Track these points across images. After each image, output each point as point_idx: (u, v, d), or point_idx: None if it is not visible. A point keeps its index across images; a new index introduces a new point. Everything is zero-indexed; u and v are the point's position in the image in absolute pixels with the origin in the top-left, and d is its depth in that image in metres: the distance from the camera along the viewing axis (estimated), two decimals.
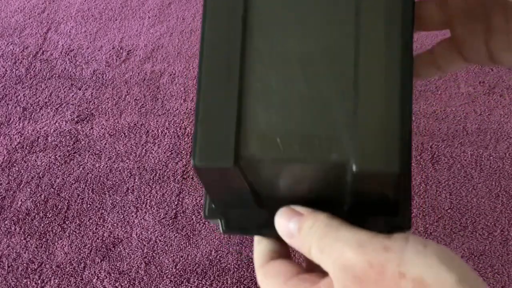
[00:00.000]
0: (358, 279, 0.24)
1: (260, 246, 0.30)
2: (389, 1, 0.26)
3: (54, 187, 0.93)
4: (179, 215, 0.89)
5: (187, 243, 0.85)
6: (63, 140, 1.00)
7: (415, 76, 0.35)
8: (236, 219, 0.30)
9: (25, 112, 1.05)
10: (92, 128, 1.01)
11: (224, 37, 0.26)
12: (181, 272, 0.83)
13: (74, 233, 0.87)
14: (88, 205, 0.91)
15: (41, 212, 0.90)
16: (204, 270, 0.82)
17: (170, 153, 0.97)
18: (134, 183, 0.93)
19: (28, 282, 0.82)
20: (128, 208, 0.90)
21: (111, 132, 1.00)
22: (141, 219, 0.88)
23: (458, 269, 0.23)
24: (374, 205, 0.28)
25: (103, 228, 0.88)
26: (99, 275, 0.83)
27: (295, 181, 0.28)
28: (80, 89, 1.08)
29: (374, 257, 0.23)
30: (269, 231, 0.29)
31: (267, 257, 0.30)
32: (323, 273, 0.26)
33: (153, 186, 0.92)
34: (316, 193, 0.28)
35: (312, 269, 0.28)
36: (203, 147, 0.25)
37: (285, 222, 0.27)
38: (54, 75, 1.11)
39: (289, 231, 0.27)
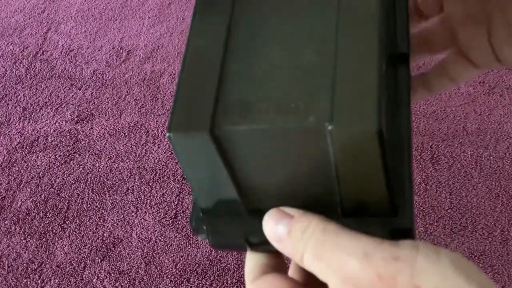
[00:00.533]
0: None
1: (252, 258, 0.28)
2: None
3: (54, 187, 0.93)
4: (179, 215, 0.89)
5: (187, 243, 0.85)
6: (63, 140, 1.00)
7: (429, 91, 0.36)
8: (224, 231, 0.29)
9: (25, 112, 1.05)
10: (92, 128, 1.01)
11: (212, 19, 0.27)
12: (181, 272, 0.83)
13: (74, 233, 0.87)
14: (88, 205, 0.91)
15: (41, 212, 0.90)
16: (204, 270, 0.82)
17: (170, 153, 0.97)
18: (134, 183, 0.93)
19: (28, 282, 0.82)
20: (128, 208, 0.90)
21: (111, 132, 1.00)
22: (141, 219, 0.88)
23: (476, 280, 0.21)
24: (369, 201, 0.27)
25: (103, 228, 0.88)
26: (99, 275, 0.83)
27: (278, 164, 0.26)
28: (80, 89, 1.08)
29: (383, 268, 0.21)
30: (259, 236, 0.28)
31: (259, 271, 0.27)
32: (321, 286, 0.24)
33: (153, 186, 0.92)
34: (306, 192, 0.27)
35: (308, 280, 0.27)
36: (179, 118, 0.25)
37: (273, 224, 0.25)
38: (54, 75, 1.11)
39: (278, 234, 0.25)
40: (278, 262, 0.28)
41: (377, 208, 0.27)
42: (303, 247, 0.24)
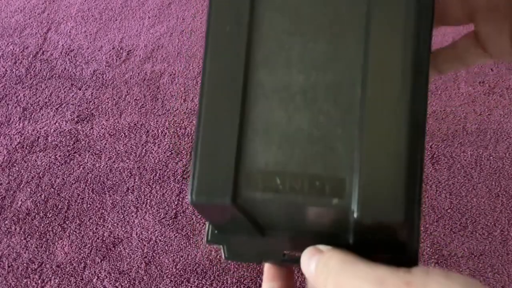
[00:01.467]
0: None
1: (266, 270, 0.30)
2: (402, 32, 0.24)
3: (54, 187, 0.93)
4: (179, 215, 0.89)
5: (187, 243, 0.85)
6: (63, 140, 1.00)
7: (438, 72, 0.34)
8: (238, 246, 0.29)
9: (25, 112, 1.05)
10: (92, 128, 1.01)
11: (227, 70, 0.25)
12: (181, 272, 0.83)
13: (74, 233, 0.87)
14: (88, 205, 0.91)
15: (41, 212, 0.90)
16: (204, 270, 0.83)
17: (170, 153, 0.97)
18: (134, 183, 0.93)
19: (28, 282, 0.82)
20: (128, 208, 0.90)
21: (111, 132, 1.00)
22: (141, 219, 0.88)
23: None
24: (380, 242, 0.27)
25: (103, 228, 0.88)
26: (99, 275, 0.83)
27: (297, 218, 0.27)
28: (80, 89, 1.08)
29: None
30: (272, 259, 0.29)
31: (269, 278, 0.29)
32: None
33: (153, 186, 0.92)
34: (320, 227, 0.27)
35: None
36: (201, 184, 0.25)
37: (306, 261, 0.26)
38: (54, 75, 1.11)
39: (310, 270, 0.26)
40: (285, 272, 0.30)
41: (386, 248, 0.27)
42: (325, 278, 0.25)
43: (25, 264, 0.84)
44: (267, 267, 0.31)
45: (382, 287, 0.22)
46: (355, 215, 0.23)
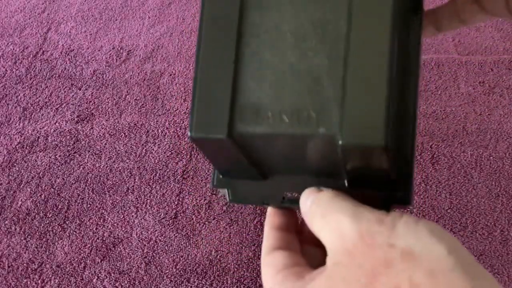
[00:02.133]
0: (348, 252, 0.24)
1: (268, 237, 0.31)
2: None
3: (54, 187, 0.93)
4: (179, 215, 0.89)
5: (187, 243, 0.85)
6: (63, 140, 1.00)
7: (437, 29, 0.35)
8: (242, 189, 0.31)
9: (25, 112, 1.05)
10: (92, 128, 1.01)
11: (222, 12, 0.27)
12: (181, 272, 0.83)
13: (74, 233, 0.87)
14: (88, 205, 0.91)
15: (41, 212, 0.90)
16: (204, 270, 0.83)
17: (170, 153, 0.97)
18: (134, 183, 0.93)
19: (28, 282, 0.82)
20: (128, 208, 0.90)
21: (111, 132, 1.00)
22: (141, 219, 0.88)
23: (447, 241, 0.23)
24: (372, 180, 0.28)
25: (103, 228, 0.88)
26: (99, 275, 0.83)
27: (289, 153, 0.28)
28: (80, 89, 1.08)
29: (366, 228, 0.24)
30: (273, 201, 0.31)
31: (272, 248, 0.30)
32: (322, 270, 0.26)
33: (153, 186, 0.92)
34: (315, 164, 0.29)
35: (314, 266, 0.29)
36: (199, 120, 0.27)
37: (304, 199, 0.28)
38: (54, 75, 1.11)
39: (306, 205, 0.28)
40: (289, 240, 0.31)
41: (379, 184, 0.29)
42: (314, 213, 0.27)
43: (25, 264, 0.84)
44: (270, 212, 0.32)
45: (356, 220, 0.24)
46: (340, 141, 0.25)
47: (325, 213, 0.26)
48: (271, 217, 0.32)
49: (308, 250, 0.32)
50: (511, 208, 0.87)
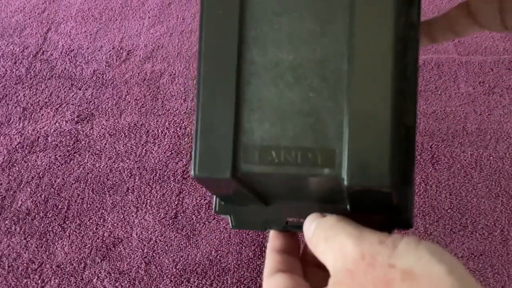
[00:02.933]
0: (349, 273, 0.24)
1: (270, 258, 0.31)
2: (386, 7, 0.25)
3: (54, 187, 0.93)
4: (179, 215, 0.89)
5: (187, 243, 0.85)
6: (63, 140, 1.00)
7: (431, 41, 0.36)
8: (244, 215, 0.32)
9: (25, 112, 1.05)
10: (92, 128, 1.01)
11: (221, 50, 0.27)
12: (181, 272, 0.83)
13: (74, 233, 0.87)
14: (88, 205, 0.91)
15: (41, 212, 0.90)
16: (204, 270, 0.83)
17: (170, 153, 0.97)
18: (134, 183, 0.93)
19: (28, 282, 0.82)
20: (128, 208, 0.90)
21: (111, 132, 1.00)
22: (141, 219, 0.88)
23: (447, 262, 0.23)
24: (374, 205, 0.28)
25: (103, 228, 0.88)
26: (99, 275, 0.83)
27: (292, 187, 0.29)
28: (80, 89, 1.08)
29: (368, 249, 0.24)
30: (275, 226, 0.31)
31: (273, 270, 0.30)
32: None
33: (153, 186, 0.92)
34: (318, 193, 0.29)
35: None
36: (202, 160, 0.26)
37: (308, 224, 0.28)
38: (54, 75, 1.11)
39: (310, 230, 0.28)
40: (291, 263, 0.31)
41: (381, 209, 0.29)
42: (318, 236, 0.27)
43: (25, 264, 0.84)
44: (272, 235, 0.33)
45: (358, 241, 0.25)
46: (345, 183, 0.25)
47: (328, 236, 0.26)
48: (273, 239, 0.32)
49: (312, 273, 0.32)
50: (511, 208, 0.87)
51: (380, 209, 0.28)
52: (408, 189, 0.29)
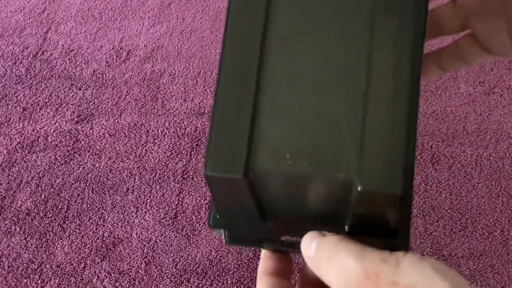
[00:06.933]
0: None
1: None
2: (402, 25, 0.27)
3: (54, 187, 0.93)
4: (179, 215, 0.89)
5: (187, 243, 0.85)
6: (63, 140, 1.00)
7: (442, 69, 0.36)
8: (239, 231, 0.31)
9: (25, 112, 1.05)
10: (92, 128, 1.01)
11: (243, 55, 0.27)
12: (181, 272, 0.83)
13: (74, 233, 0.87)
14: (88, 205, 0.91)
15: (41, 212, 0.90)
16: (204, 270, 0.83)
17: (170, 153, 0.97)
18: (134, 183, 0.93)
19: (28, 282, 0.82)
20: (128, 208, 0.90)
21: (111, 132, 1.00)
22: (141, 219, 0.88)
23: (451, 278, 0.23)
24: (375, 226, 0.29)
25: (103, 228, 0.88)
26: (99, 275, 0.83)
27: (301, 195, 0.28)
28: (80, 89, 1.08)
29: (371, 267, 0.24)
30: (271, 244, 0.31)
31: (265, 271, 0.31)
32: None
33: (153, 186, 0.92)
34: (320, 208, 0.29)
35: None
36: (216, 157, 0.26)
37: (307, 243, 0.28)
38: (54, 75, 1.11)
39: (310, 250, 0.28)
40: (283, 268, 0.31)
41: (379, 231, 0.29)
42: (321, 255, 0.27)
43: (25, 264, 0.84)
44: (264, 257, 0.32)
45: (361, 260, 0.25)
46: (359, 188, 0.25)
47: (331, 255, 0.26)
48: (265, 261, 0.32)
49: None
50: (511, 208, 0.87)
51: (378, 230, 0.29)
52: (406, 214, 0.29)
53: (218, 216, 0.31)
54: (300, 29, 0.28)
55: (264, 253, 0.32)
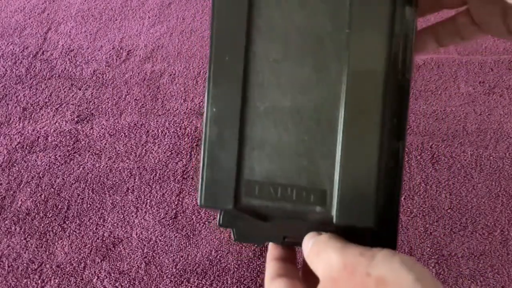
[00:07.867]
0: (333, 280, 0.28)
1: (269, 267, 0.35)
2: (377, 61, 0.28)
3: (54, 187, 0.93)
4: (179, 215, 0.89)
5: (187, 243, 0.85)
6: (63, 140, 1.00)
7: (439, 45, 0.37)
8: (245, 229, 0.35)
9: (25, 112, 1.05)
10: (92, 128, 1.01)
11: (227, 94, 0.30)
12: (181, 272, 0.83)
13: (74, 233, 0.87)
14: (88, 205, 0.91)
15: (41, 212, 0.90)
16: (204, 270, 0.83)
17: (170, 153, 0.97)
18: (134, 183, 0.93)
19: (28, 282, 0.82)
20: (128, 208, 0.90)
21: (111, 132, 1.00)
22: (141, 219, 0.88)
23: (416, 271, 0.26)
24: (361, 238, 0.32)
25: (103, 228, 0.88)
26: (99, 275, 0.83)
27: (290, 216, 0.32)
28: (80, 89, 1.08)
29: (349, 260, 0.28)
30: (275, 241, 0.35)
31: (274, 275, 0.34)
32: None
33: (153, 186, 0.92)
34: (312, 221, 0.32)
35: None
36: (208, 191, 0.30)
37: (307, 241, 0.32)
38: (54, 75, 1.11)
39: (308, 247, 0.32)
40: (289, 269, 0.35)
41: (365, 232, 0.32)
42: (313, 251, 0.31)
43: (25, 264, 0.84)
44: (271, 246, 0.36)
45: (342, 254, 0.29)
46: (334, 220, 0.29)
47: (319, 251, 0.30)
48: (272, 249, 0.36)
49: (311, 279, 0.35)
50: (511, 208, 0.87)
51: (365, 239, 0.32)
52: (394, 220, 0.32)
53: (226, 217, 0.35)
54: (277, 58, 0.30)
55: (271, 243, 0.36)
